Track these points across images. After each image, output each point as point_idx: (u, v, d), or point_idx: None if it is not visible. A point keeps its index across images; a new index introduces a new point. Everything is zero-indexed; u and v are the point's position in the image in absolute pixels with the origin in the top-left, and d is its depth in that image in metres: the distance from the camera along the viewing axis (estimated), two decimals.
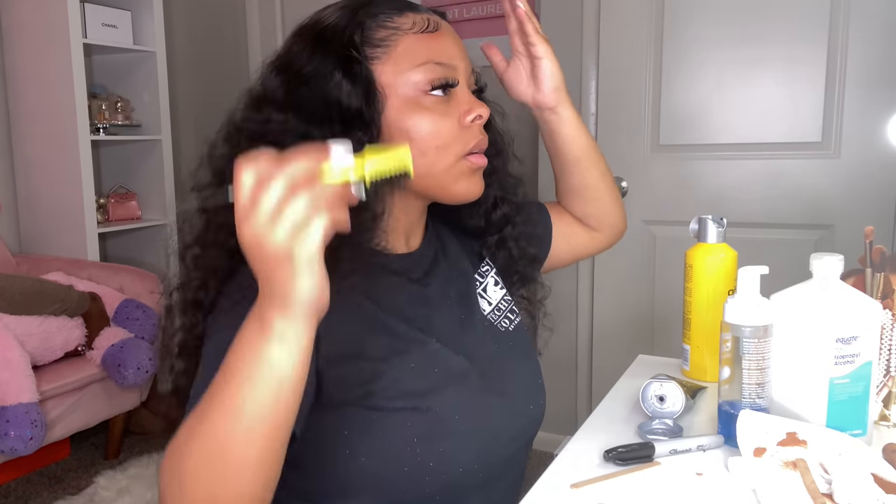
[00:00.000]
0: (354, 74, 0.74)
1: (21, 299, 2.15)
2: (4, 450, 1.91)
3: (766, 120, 2.07)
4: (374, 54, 0.75)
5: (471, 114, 0.77)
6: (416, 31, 0.76)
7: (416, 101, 0.75)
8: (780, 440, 0.73)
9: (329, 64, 0.74)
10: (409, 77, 0.75)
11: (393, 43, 0.76)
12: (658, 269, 2.27)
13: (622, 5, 2.21)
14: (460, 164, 0.78)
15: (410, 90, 0.75)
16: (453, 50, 0.78)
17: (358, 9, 0.77)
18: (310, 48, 0.76)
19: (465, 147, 0.77)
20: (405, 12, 0.77)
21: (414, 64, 0.75)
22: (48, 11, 2.59)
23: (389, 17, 0.76)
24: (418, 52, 0.76)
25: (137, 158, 3.00)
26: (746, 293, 0.79)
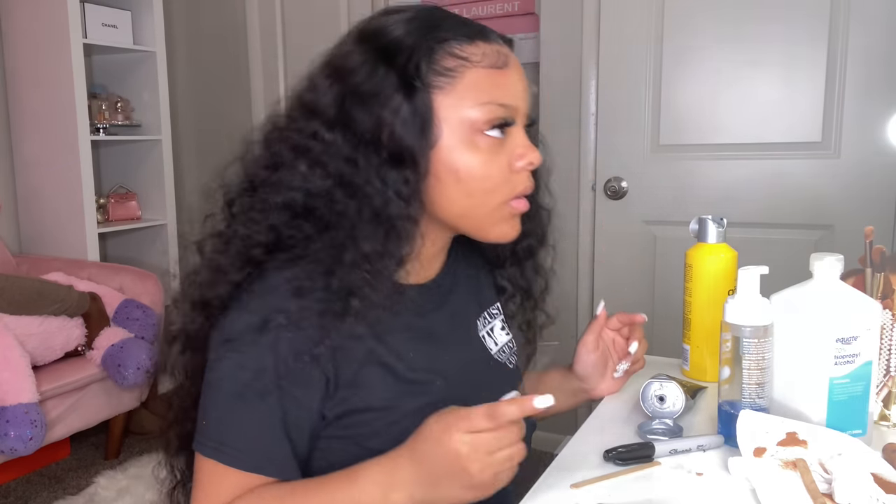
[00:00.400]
0: (415, 104, 0.70)
1: (21, 299, 2.15)
2: (4, 450, 1.91)
3: (766, 120, 2.07)
4: (438, 83, 0.71)
5: (523, 160, 0.74)
6: (484, 65, 0.72)
7: (470, 139, 0.72)
8: (780, 440, 0.73)
9: (390, 86, 0.70)
10: (468, 113, 0.71)
11: (459, 75, 0.71)
12: (658, 269, 2.27)
13: (622, 5, 2.21)
14: (503, 209, 0.75)
15: (467, 128, 0.71)
16: (517, 89, 0.75)
17: (428, 29, 0.72)
18: (371, 61, 0.71)
19: (512, 193, 0.75)
20: (476, 41, 0.73)
21: (477, 101, 0.71)
22: (48, 11, 2.58)
23: (460, 44, 0.72)
24: (483, 89, 0.72)
25: (137, 158, 3.00)
26: (746, 293, 0.79)
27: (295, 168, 0.72)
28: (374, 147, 0.70)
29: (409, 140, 0.70)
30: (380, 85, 0.70)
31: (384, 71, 0.70)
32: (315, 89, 0.73)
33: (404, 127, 0.69)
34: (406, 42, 0.71)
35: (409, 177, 0.70)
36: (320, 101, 0.72)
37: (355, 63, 0.72)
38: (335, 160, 0.71)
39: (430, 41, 0.71)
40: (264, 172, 0.74)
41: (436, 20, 0.73)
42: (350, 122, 0.71)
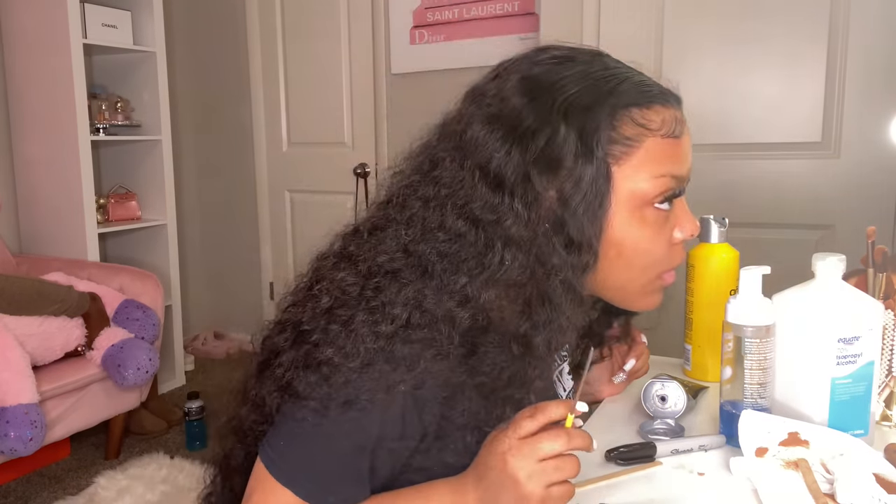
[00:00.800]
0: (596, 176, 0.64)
1: (21, 299, 2.14)
2: (4, 450, 1.91)
3: (767, 120, 2.07)
4: (615, 152, 0.65)
5: (685, 232, 0.70)
6: (663, 134, 0.66)
7: (640, 213, 0.67)
8: (781, 440, 0.73)
9: (570, 154, 0.63)
10: (640, 185, 0.66)
11: (638, 144, 0.65)
12: None
13: (622, 5, 2.21)
14: (656, 282, 0.72)
15: (637, 200, 0.66)
16: (689, 159, 0.69)
17: (608, 91, 0.65)
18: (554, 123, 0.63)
19: (670, 266, 0.71)
20: (654, 105, 0.67)
21: (652, 174, 0.66)
22: (48, 12, 2.58)
23: (640, 110, 0.66)
24: (660, 161, 0.66)
25: (137, 158, 3.00)
26: (748, 293, 0.79)
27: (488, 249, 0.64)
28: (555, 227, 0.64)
29: (589, 221, 0.64)
30: (563, 152, 0.63)
31: (566, 135, 0.63)
32: (486, 149, 0.64)
33: (584, 203, 0.64)
34: (584, 103, 0.64)
35: (589, 262, 0.65)
36: (501, 167, 0.64)
37: (534, 123, 0.64)
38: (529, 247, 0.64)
39: (611, 106, 0.65)
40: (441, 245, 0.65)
41: (614, 78, 0.67)
42: (537, 198, 0.64)
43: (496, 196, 0.64)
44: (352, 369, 0.63)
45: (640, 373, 1.00)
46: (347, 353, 0.63)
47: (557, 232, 0.64)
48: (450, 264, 0.64)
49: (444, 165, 0.67)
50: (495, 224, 0.64)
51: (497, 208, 0.63)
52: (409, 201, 0.68)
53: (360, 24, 2.96)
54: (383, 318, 0.63)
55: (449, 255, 0.64)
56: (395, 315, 0.64)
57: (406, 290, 0.64)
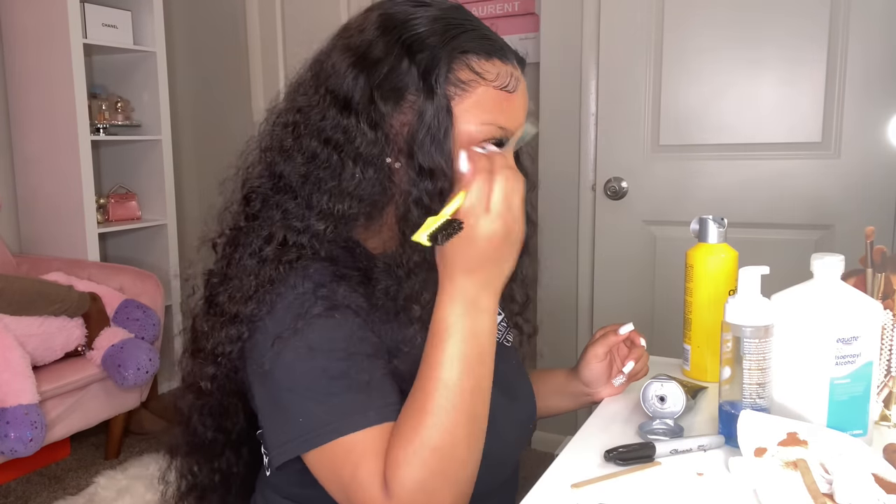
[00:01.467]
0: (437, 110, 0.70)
1: (21, 300, 2.15)
2: (4, 451, 1.91)
3: (766, 120, 2.07)
4: (451, 93, 0.71)
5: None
6: (496, 86, 0.72)
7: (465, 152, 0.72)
8: (780, 440, 0.73)
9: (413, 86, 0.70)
10: (467, 127, 0.71)
11: (471, 90, 0.71)
12: (658, 269, 2.27)
13: (622, 5, 2.21)
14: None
15: (464, 139, 0.72)
16: (520, 114, 0.75)
17: (453, 35, 0.72)
18: (398, 55, 0.71)
19: None
20: (493, 58, 0.73)
21: (480, 120, 0.72)
22: (48, 12, 2.58)
23: (479, 60, 0.72)
24: (488, 109, 0.72)
25: (137, 158, 3.00)
26: (747, 293, 0.79)
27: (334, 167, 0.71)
28: (408, 153, 0.71)
29: (436, 153, 0.70)
30: (404, 81, 0.70)
31: (408, 67, 0.70)
32: (339, 75, 0.72)
33: (429, 135, 0.70)
34: (430, 42, 0.71)
35: (444, 187, 0.70)
36: (349, 91, 0.71)
37: (380, 53, 0.71)
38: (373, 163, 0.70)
39: (452, 49, 0.71)
40: (297, 168, 0.72)
41: (461, 26, 0.72)
42: (382, 119, 0.71)
43: (344, 117, 0.71)
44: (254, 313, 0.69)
45: (639, 375, 1.01)
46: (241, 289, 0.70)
47: (409, 157, 0.70)
48: (310, 183, 0.71)
49: (304, 92, 0.74)
50: (346, 143, 0.70)
51: (346, 129, 0.70)
52: (274, 129, 0.76)
53: None
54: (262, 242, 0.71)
55: (308, 176, 0.72)
56: (271, 236, 0.71)
57: (276, 212, 0.72)
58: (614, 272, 2.35)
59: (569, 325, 2.42)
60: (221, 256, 0.76)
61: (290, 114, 0.75)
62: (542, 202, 2.45)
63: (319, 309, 0.68)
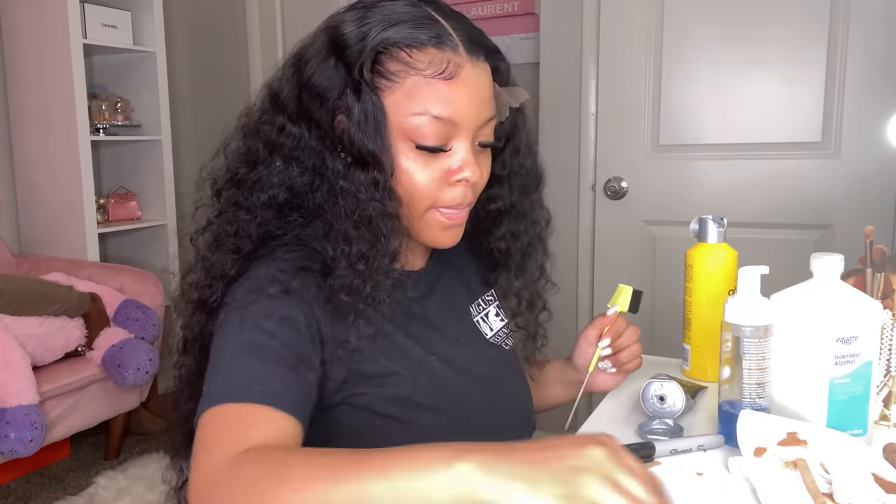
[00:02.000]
0: (365, 104, 0.70)
1: (21, 300, 2.15)
2: (4, 451, 1.91)
3: (766, 120, 2.07)
4: (381, 85, 0.71)
5: (457, 174, 0.74)
6: (428, 74, 0.71)
7: (407, 144, 0.72)
8: (780, 440, 0.73)
9: (339, 82, 0.71)
10: (402, 119, 0.71)
11: (401, 80, 0.71)
12: (658, 269, 2.27)
13: (622, 5, 2.21)
14: (430, 216, 0.76)
15: (403, 132, 0.72)
16: (463, 103, 0.72)
17: (381, 28, 0.71)
18: (324, 54, 0.73)
19: (439, 203, 0.75)
20: (426, 47, 0.71)
21: (410, 110, 0.71)
22: (48, 12, 2.58)
23: (409, 49, 0.71)
24: (420, 98, 0.71)
25: (137, 158, 3.00)
26: (747, 293, 0.79)
27: (272, 164, 0.74)
28: (338, 146, 0.73)
29: (367, 142, 0.71)
30: (330, 79, 0.72)
31: (333, 65, 0.72)
32: (281, 78, 0.76)
33: (359, 128, 0.71)
34: (355, 38, 0.72)
35: (378, 177, 0.71)
36: (283, 92, 0.75)
37: (311, 54, 0.74)
38: (307, 156, 0.73)
39: (378, 41, 0.71)
40: (244, 168, 0.77)
41: (393, 19, 0.72)
42: (311, 116, 0.73)
43: (275, 115, 0.75)
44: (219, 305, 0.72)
45: (629, 365, 0.97)
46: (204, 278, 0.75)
47: (343, 151, 0.72)
48: (252, 179, 0.75)
49: (262, 106, 0.78)
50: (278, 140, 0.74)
51: (276, 124, 0.74)
52: (235, 132, 0.81)
53: None
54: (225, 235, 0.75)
55: (250, 172, 0.75)
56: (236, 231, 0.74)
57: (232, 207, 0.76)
58: (614, 272, 2.35)
59: (569, 326, 2.42)
60: (197, 250, 0.80)
61: (244, 116, 0.80)
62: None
63: (273, 290, 0.69)
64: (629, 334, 0.96)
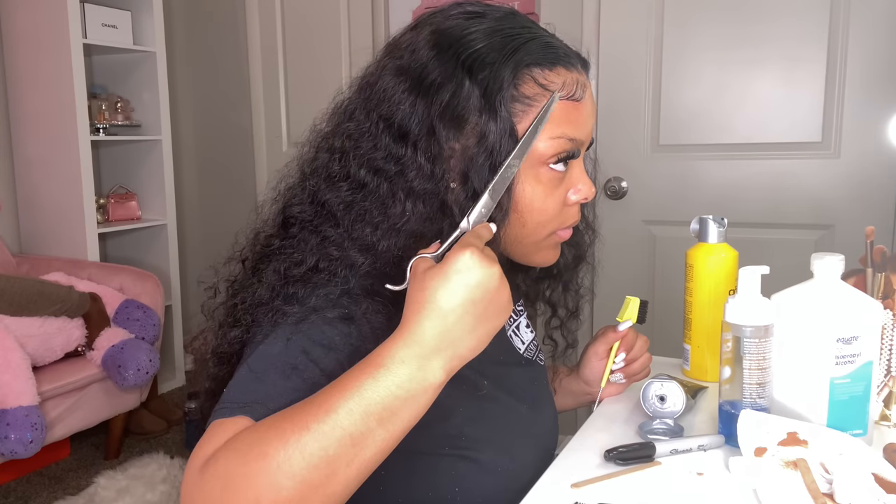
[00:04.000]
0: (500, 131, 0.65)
1: (22, 300, 2.15)
2: (4, 452, 1.91)
3: (766, 120, 2.07)
4: (516, 110, 0.67)
5: (579, 195, 0.73)
6: (562, 96, 0.68)
7: (535, 171, 0.69)
8: (780, 440, 0.73)
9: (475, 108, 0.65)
10: (536, 145, 0.68)
11: (537, 104, 0.68)
12: (658, 269, 2.26)
13: (622, 5, 2.21)
14: (550, 239, 0.74)
15: (533, 159, 0.68)
16: (589, 122, 0.71)
17: (513, 48, 0.67)
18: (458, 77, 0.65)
19: (562, 225, 0.74)
20: (557, 67, 0.69)
21: (549, 135, 0.68)
22: (48, 12, 2.58)
23: (542, 71, 0.68)
24: (557, 122, 0.68)
25: (137, 158, 3.00)
26: (747, 293, 0.79)
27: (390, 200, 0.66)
28: (464, 177, 0.66)
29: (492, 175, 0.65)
30: (466, 106, 0.65)
31: (469, 90, 0.65)
32: (393, 102, 0.67)
33: (493, 159, 0.65)
34: (490, 59, 0.66)
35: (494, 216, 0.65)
36: (405, 119, 0.66)
37: (438, 76, 0.66)
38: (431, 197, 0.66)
39: (516, 64, 0.67)
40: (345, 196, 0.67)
41: (520, 37, 0.68)
42: (441, 150, 0.66)
43: (399, 147, 0.66)
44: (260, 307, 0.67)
45: (639, 375, 1.00)
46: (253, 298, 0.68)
47: (462, 184, 0.66)
48: (355, 213, 0.67)
49: (353, 117, 0.70)
50: (398, 175, 0.66)
51: (400, 160, 0.66)
52: (319, 153, 0.72)
53: (361, 24, 2.96)
54: (292, 264, 0.67)
55: (353, 205, 0.67)
56: (303, 261, 0.67)
57: (314, 237, 0.68)
58: (614, 272, 2.35)
59: None
60: (249, 271, 0.74)
61: (338, 139, 0.70)
62: None
63: (334, 314, 0.64)
64: (640, 346, 0.97)
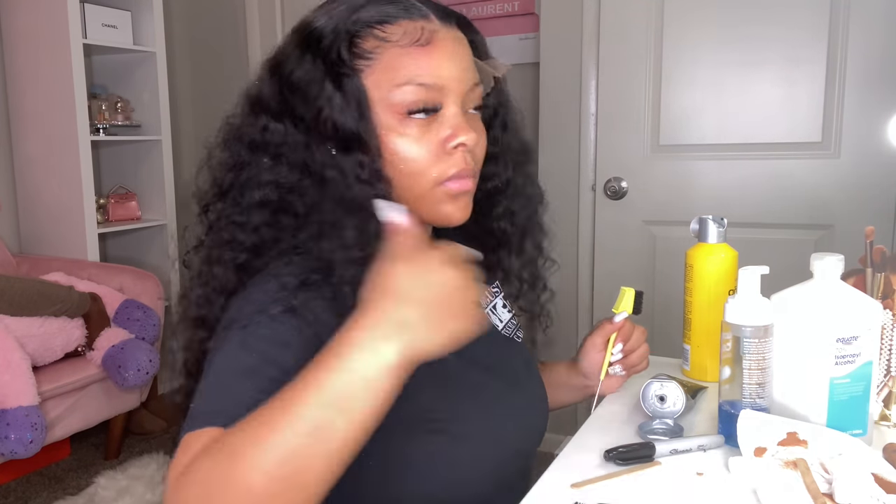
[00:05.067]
0: (346, 89, 0.70)
1: (22, 301, 2.15)
2: (4, 452, 1.91)
3: (766, 120, 2.07)
4: (360, 66, 0.71)
5: (452, 140, 0.71)
6: (403, 44, 0.70)
7: (396, 122, 0.71)
8: (780, 440, 0.73)
9: (319, 74, 0.71)
10: (388, 96, 0.70)
11: (377, 55, 0.70)
12: (658, 269, 2.27)
13: (622, 5, 2.21)
14: (436, 191, 0.72)
15: (389, 108, 0.71)
16: (444, 67, 0.71)
17: (351, 11, 0.72)
18: (300, 51, 0.72)
19: (443, 174, 0.72)
20: (399, 20, 0.71)
21: (394, 83, 0.70)
22: (48, 12, 2.58)
23: (381, 24, 0.71)
24: (400, 69, 0.70)
25: (137, 158, 3.00)
26: (747, 293, 0.79)
27: (259, 165, 0.73)
28: (322, 136, 0.71)
29: (350, 125, 0.70)
30: (309, 73, 0.71)
31: (310, 59, 0.71)
32: (259, 84, 0.75)
33: (342, 113, 0.70)
34: (327, 28, 0.71)
35: (363, 160, 0.70)
36: (264, 94, 0.74)
37: (286, 54, 0.74)
38: (293, 151, 0.72)
39: (351, 24, 0.71)
40: (230, 175, 0.75)
41: (362, 5, 0.72)
42: (293, 112, 0.72)
43: (257, 117, 0.74)
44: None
45: (638, 367, 0.98)
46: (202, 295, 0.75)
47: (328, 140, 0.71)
48: (240, 182, 0.74)
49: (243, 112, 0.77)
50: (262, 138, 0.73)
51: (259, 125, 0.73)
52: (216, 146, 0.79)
53: None
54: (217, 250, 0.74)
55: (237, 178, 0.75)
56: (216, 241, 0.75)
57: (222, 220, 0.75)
58: (614, 272, 2.35)
59: (569, 326, 2.42)
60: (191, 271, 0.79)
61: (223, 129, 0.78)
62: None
63: (275, 310, 0.67)
64: (638, 336, 0.96)
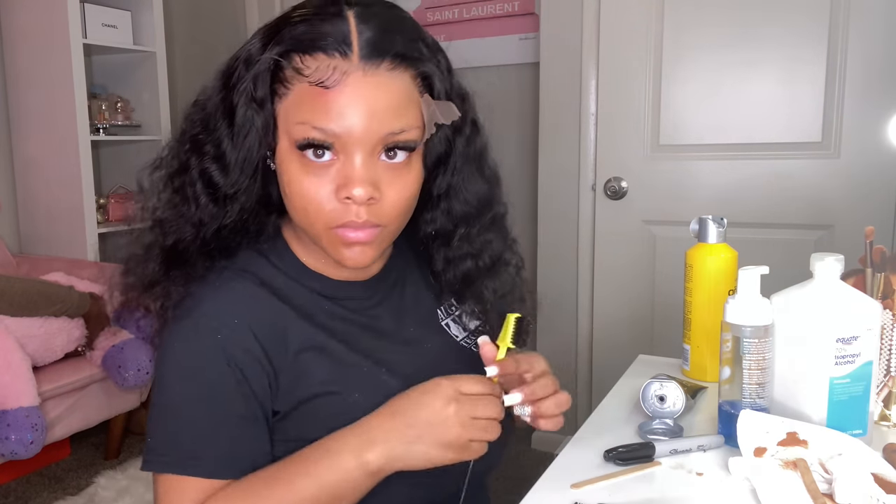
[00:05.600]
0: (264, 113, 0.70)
1: (22, 301, 2.14)
2: (4, 453, 1.91)
3: (766, 120, 2.07)
4: (278, 91, 0.70)
5: (342, 191, 0.68)
6: (312, 82, 0.66)
7: (291, 154, 0.69)
8: (780, 440, 0.73)
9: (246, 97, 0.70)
10: (288, 127, 0.69)
11: (291, 87, 0.69)
12: (658, 269, 2.27)
13: (622, 5, 2.21)
14: (330, 233, 0.70)
15: (288, 141, 0.69)
16: (347, 115, 0.66)
17: (279, 38, 0.69)
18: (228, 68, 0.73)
19: (333, 221, 0.69)
20: (317, 52, 0.67)
21: (296, 119, 0.68)
22: (48, 12, 2.58)
23: (302, 55, 0.68)
24: (301, 107, 0.68)
25: (137, 158, 2.98)
26: (747, 293, 0.79)
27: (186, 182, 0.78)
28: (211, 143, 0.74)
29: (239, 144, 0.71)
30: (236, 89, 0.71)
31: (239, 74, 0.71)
32: (209, 94, 0.76)
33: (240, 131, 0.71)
34: (257, 47, 0.71)
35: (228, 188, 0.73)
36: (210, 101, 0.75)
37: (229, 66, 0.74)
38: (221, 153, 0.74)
39: (278, 46, 0.69)
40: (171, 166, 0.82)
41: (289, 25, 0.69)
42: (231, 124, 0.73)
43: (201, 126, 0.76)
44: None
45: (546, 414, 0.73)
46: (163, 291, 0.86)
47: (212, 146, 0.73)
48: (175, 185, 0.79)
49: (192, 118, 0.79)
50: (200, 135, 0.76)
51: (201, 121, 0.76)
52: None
53: None
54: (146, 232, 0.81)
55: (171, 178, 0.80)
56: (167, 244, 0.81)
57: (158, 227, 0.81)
58: (614, 272, 2.35)
59: (569, 326, 2.42)
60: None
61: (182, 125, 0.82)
62: (541, 202, 2.45)
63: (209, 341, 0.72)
64: (545, 383, 0.73)
